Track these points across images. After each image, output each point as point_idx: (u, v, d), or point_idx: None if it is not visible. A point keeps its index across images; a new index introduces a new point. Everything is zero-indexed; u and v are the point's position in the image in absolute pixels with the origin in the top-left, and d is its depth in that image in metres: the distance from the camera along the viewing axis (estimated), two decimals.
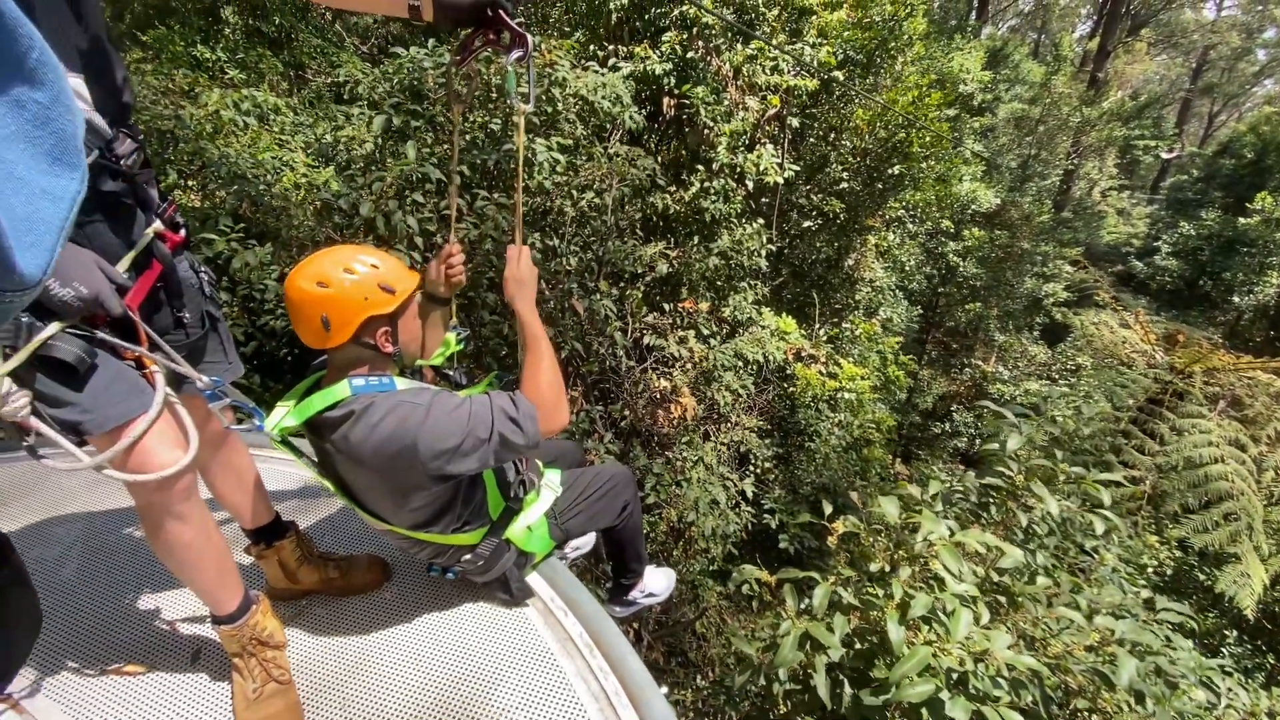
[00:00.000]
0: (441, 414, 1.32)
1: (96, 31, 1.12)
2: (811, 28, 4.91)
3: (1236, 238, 14.51)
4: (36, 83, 0.32)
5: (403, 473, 1.33)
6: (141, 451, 1.17)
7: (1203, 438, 4.43)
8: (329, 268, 1.29)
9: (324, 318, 1.29)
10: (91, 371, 1.11)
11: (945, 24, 13.28)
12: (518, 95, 1.43)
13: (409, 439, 1.29)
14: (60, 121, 0.33)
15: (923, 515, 1.58)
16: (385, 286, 1.33)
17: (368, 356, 1.38)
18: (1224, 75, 33.53)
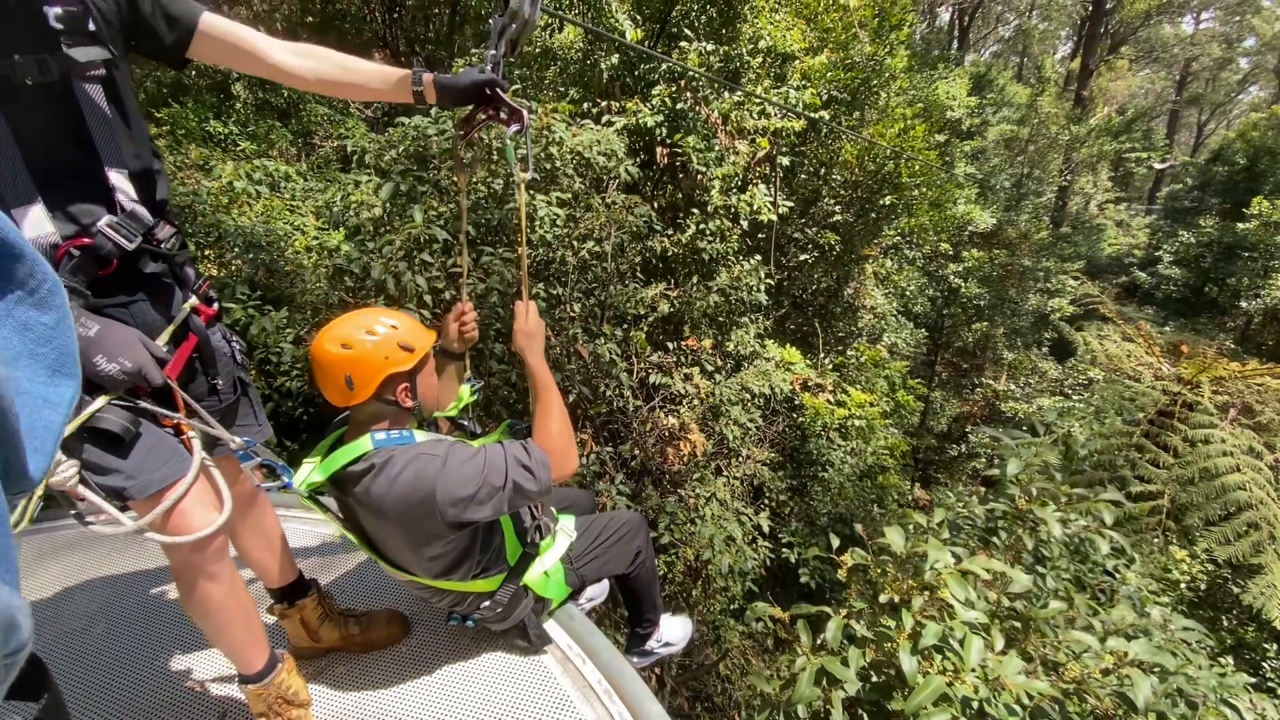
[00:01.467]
0: (457, 464, 1.39)
1: (141, 135, 1.27)
2: (795, 72, 5.12)
3: (1237, 243, 14.52)
4: (45, 308, 0.37)
5: (422, 521, 1.40)
6: (179, 514, 1.24)
7: (1217, 447, 4.39)
8: (351, 330, 1.40)
9: (348, 377, 1.38)
10: (135, 440, 1.20)
11: (928, 55, 13.69)
12: (517, 164, 1.55)
13: (427, 489, 1.36)
14: (62, 339, 0.38)
15: (929, 544, 1.60)
16: (404, 345, 1.43)
17: (389, 412, 1.46)
18: (1209, 85, 34.04)
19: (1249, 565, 4.30)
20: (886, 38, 5.84)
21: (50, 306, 0.37)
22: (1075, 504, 1.97)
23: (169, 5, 1.26)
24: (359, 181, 4.42)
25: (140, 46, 1.28)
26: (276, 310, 3.98)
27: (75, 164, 1.16)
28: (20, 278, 0.35)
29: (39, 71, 1.08)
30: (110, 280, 1.22)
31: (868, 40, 5.60)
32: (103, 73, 1.16)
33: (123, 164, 1.20)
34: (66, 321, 0.38)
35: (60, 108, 1.12)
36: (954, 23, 27.70)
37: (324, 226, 5.54)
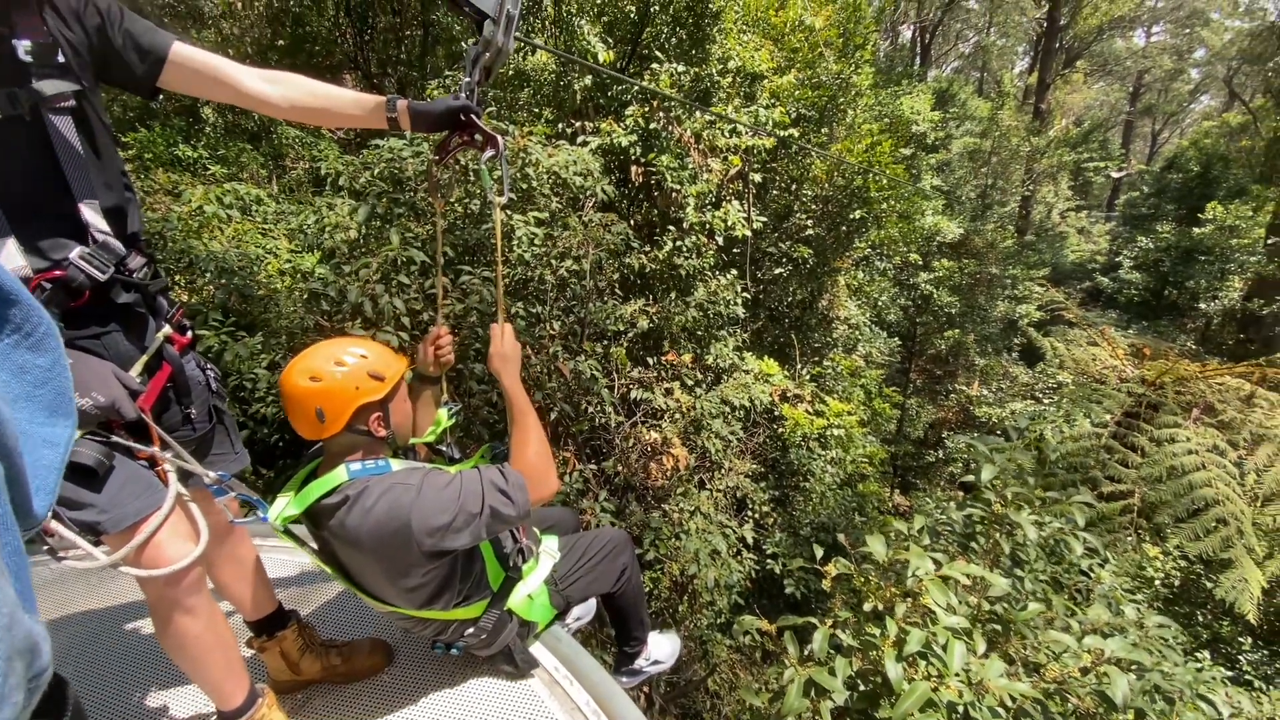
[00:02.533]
0: (432, 492, 1.36)
1: (113, 166, 1.27)
2: (764, 91, 5.24)
3: (1194, 247, 15.11)
4: (40, 350, 0.38)
5: (398, 552, 1.36)
6: (154, 546, 1.23)
7: (1182, 446, 4.53)
8: (319, 362, 1.37)
9: (318, 410, 1.35)
10: (109, 474, 1.18)
11: (892, 71, 14.11)
12: (493, 188, 1.56)
13: (403, 519, 1.33)
14: (58, 381, 0.39)
15: (910, 551, 1.63)
16: (374, 374, 1.40)
17: (362, 442, 1.43)
18: (1161, 95, 35.50)
19: (1219, 560, 4.43)
20: (851, 56, 6.02)
21: (45, 349, 0.38)
22: (1049, 507, 2.03)
23: (139, 36, 1.26)
24: (333, 204, 4.40)
25: (111, 77, 1.27)
26: (250, 336, 3.92)
27: (46, 197, 1.16)
28: (16, 322, 0.36)
29: (9, 104, 1.08)
30: (83, 311, 1.21)
31: (833, 59, 5.76)
32: (73, 104, 1.16)
33: (94, 196, 1.20)
34: (62, 363, 0.39)
35: (30, 141, 1.12)
36: (915, 40, 28.62)
37: (297, 250, 5.48)
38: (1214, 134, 21.12)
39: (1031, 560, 1.99)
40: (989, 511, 1.92)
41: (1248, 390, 5.14)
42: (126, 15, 1.26)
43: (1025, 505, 1.93)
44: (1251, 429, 4.78)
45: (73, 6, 1.18)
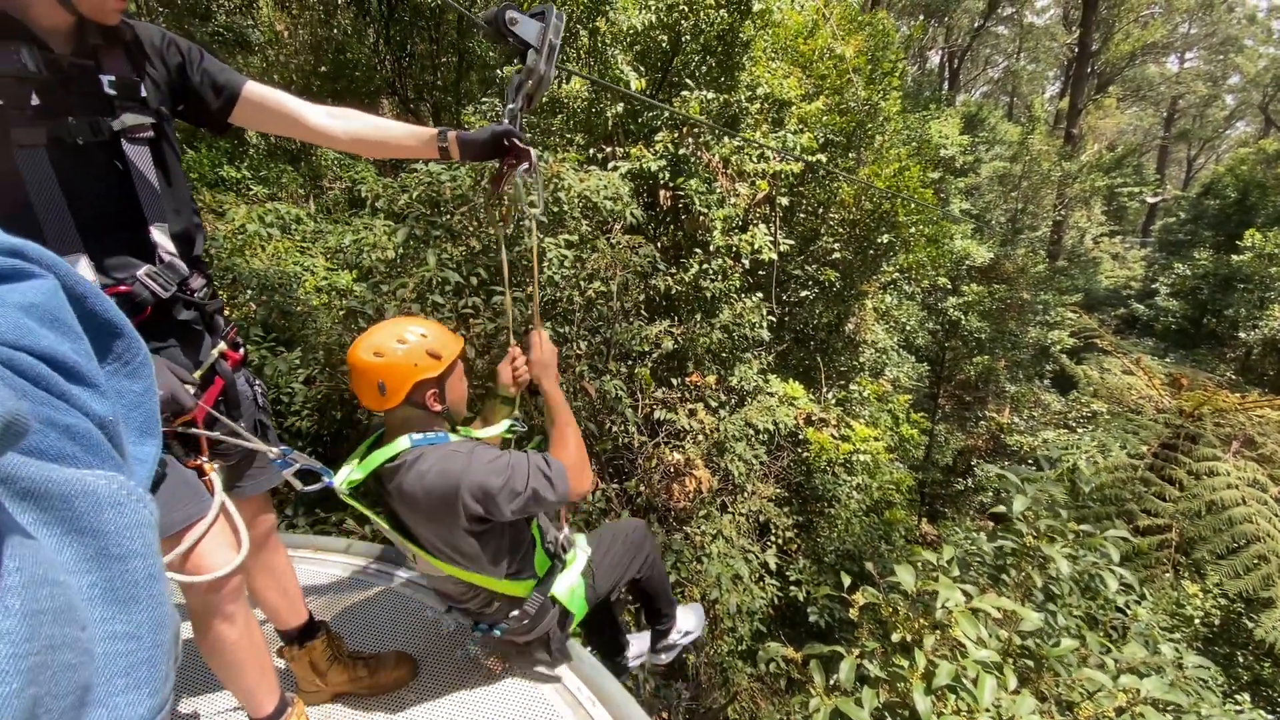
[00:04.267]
0: (481, 463, 1.49)
1: (183, 193, 1.36)
2: (792, 117, 5.30)
3: (1232, 274, 14.68)
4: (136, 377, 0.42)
5: (447, 513, 1.49)
6: (198, 553, 1.27)
7: (1222, 480, 4.39)
8: (384, 339, 1.50)
9: (380, 383, 1.48)
10: (161, 479, 1.24)
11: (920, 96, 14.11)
12: (527, 202, 1.65)
13: (452, 483, 1.46)
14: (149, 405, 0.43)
15: (939, 582, 1.62)
16: (432, 353, 1.53)
17: (419, 416, 1.56)
18: (1196, 121, 34.82)
19: (1260, 599, 4.25)
20: (880, 83, 6.06)
21: (140, 376, 0.42)
22: (1083, 540, 1.99)
23: (216, 74, 1.35)
24: (370, 225, 4.55)
25: (186, 112, 1.37)
26: (289, 351, 4.05)
27: (120, 219, 1.24)
28: (118, 351, 0.40)
29: (91, 132, 1.16)
30: (143, 326, 1.27)
31: (861, 85, 5.81)
32: (150, 135, 1.25)
33: (163, 220, 1.29)
34: (152, 389, 0.43)
35: (109, 166, 1.21)
36: (944, 65, 28.62)
37: (334, 268, 5.66)
38: (1250, 160, 20.59)
39: (1065, 595, 1.94)
40: (1020, 543, 1.89)
41: None
42: (205, 56, 1.36)
43: (1058, 538, 1.89)
44: None
45: (156, 45, 1.27)
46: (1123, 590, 2.58)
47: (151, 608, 0.29)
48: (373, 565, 2.61)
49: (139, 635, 0.28)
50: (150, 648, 0.29)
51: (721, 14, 4.78)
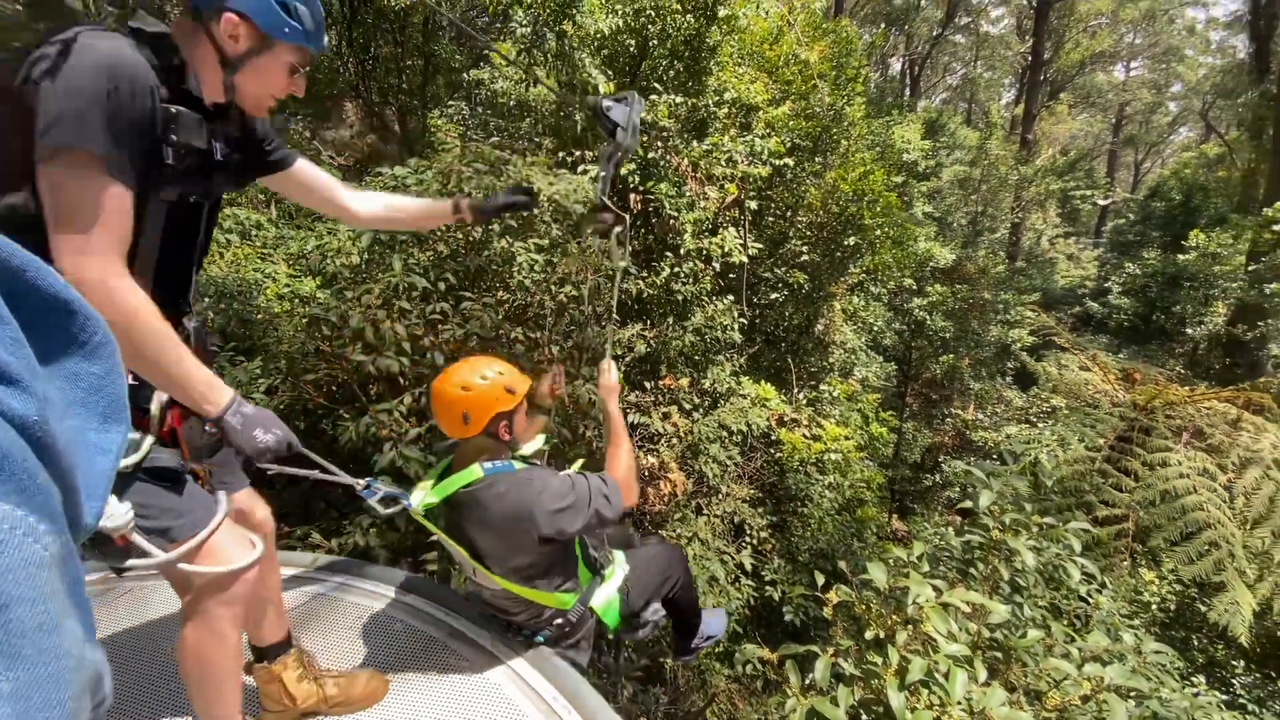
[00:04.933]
0: (552, 488, 1.69)
1: None
2: (759, 122, 5.37)
3: (1179, 273, 15.35)
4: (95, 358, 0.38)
5: (520, 534, 1.68)
6: (218, 549, 1.31)
7: (1174, 470, 4.57)
8: (469, 375, 1.70)
9: (465, 414, 1.68)
10: (185, 481, 1.31)
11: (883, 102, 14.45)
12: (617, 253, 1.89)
13: (528, 506, 1.65)
14: (112, 388, 0.39)
15: (911, 578, 1.65)
16: (509, 389, 1.72)
17: (490, 445, 1.76)
18: (1142, 127, 36.41)
19: (1213, 584, 4.43)
20: (844, 89, 6.18)
21: (100, 357, 0.39)
22: (1046, 532, 2.05)
23: (275, 151, 1.52)
24: (334, 230, 4.45)
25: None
26: (249, 360, 3.93)
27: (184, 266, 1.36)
28: (72, 331, 0.37)
29: (204, 193, 1.32)
30: None
31: (826, 91, 5.92)
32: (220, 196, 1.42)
33: (201, 265, 1.43)
34: (116, 371, 0.40)
35: (197, 221, 1.35)
36: (905, 72, 29.37)
37: (296, 274, 5.51)
38: (1193, 164, 21.62)
39: (1030, 586, 2.00)
40: (987, 538, 1.94)
41: (1234, 414, 5.20)
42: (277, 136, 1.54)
43: (1023, 531, 1.94)
44: (1239, 452, 4.82)
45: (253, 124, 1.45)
46: (1085, 580, 2.66)
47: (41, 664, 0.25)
48: (341, 579, 2.55)
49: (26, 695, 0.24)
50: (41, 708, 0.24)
51: (688, 19, 4.82)
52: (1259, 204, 10.89)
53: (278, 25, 1.23)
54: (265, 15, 1.21)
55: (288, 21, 1.24)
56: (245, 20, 1.21)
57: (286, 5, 1.23)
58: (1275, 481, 4.57)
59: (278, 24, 1.23)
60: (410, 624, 2.20)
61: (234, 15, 1.20)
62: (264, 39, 1.24)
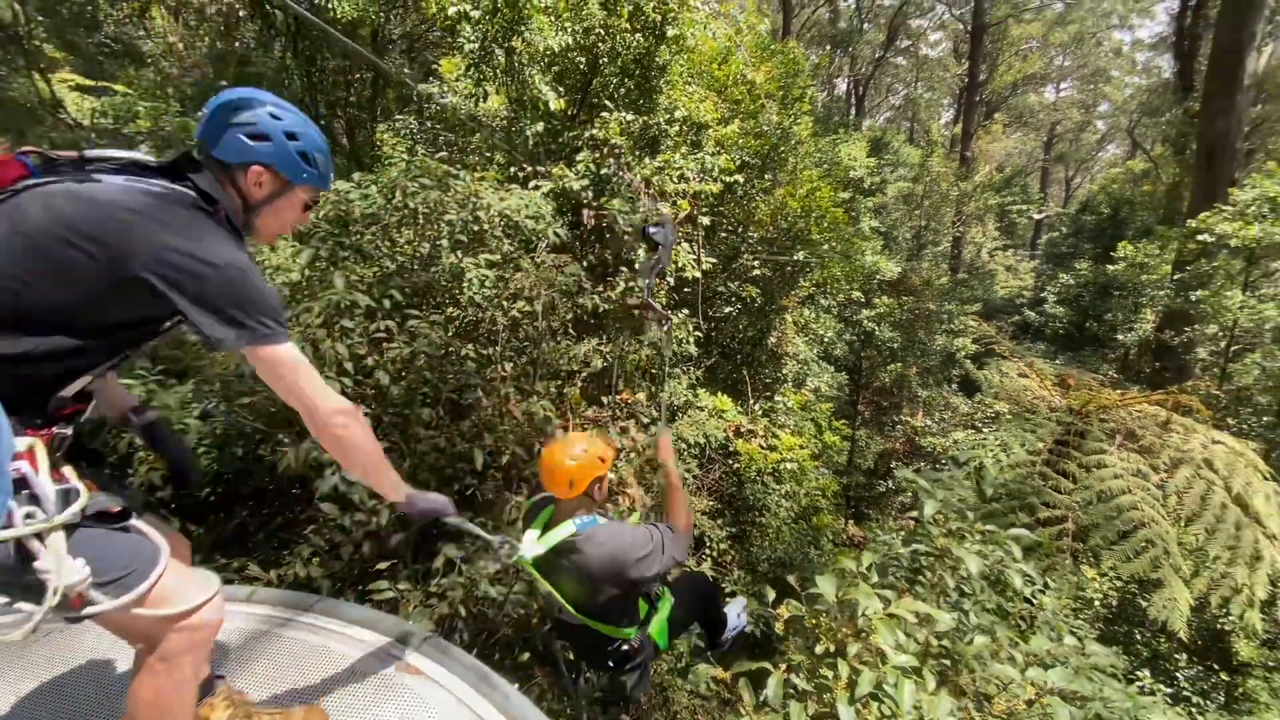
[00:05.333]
0: (638, 540, 2.07)
1: None
2: (709, 139, 5.45)
3: (1109, 283, 16.24)
4: None
5: (614, 577, 2.03)
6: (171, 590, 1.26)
7: (1109, 471, 4.79)
8: (575, 449, 2.11)
9: (571, 480, 2.07)
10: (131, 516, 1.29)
11: (829, 121, 14.93)
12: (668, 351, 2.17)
13: (622, 555, 2.01)
14: None
15: (859, 590, 1.66)
16: (603, 458, 2.13)
17: (584, 503, 2.14)
18: (1072, 145, 38.69)
19: (1151, 580, 4.64)
20: (791, 108, 6.35)
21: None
22: (988, 538, 2.10)
23: None
24: (273, 245, 4.29)
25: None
26: (180, 384, 3.72)
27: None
28: None
29: None
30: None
31: (774, 110, 6.06)
32: None
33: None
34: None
35: None
36: (850, 92, 30.48)
37: None
38: (1120, 180, 23.05)
39: (976, 593, 2.05)
40: (933, 546, 1.98)
41: (1164, 416, 5.50)
42: None
43: (967, 536, 1.99)
44: (1170, 453, 5.09)
45: None
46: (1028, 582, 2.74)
47: None
48: (280, 613, 2.41)
49: None
50: None
51: (637, 38, 4.87)
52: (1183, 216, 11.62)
53: (297, 172, 1.37)
54: (288, 165, 1.35)
55: (306, 168, 1.37)
56: (269, 169, 1.34)
57: (306, 154, 1.37)
58: (1206, 480, 4.83)
59: (297, 171, 1.37)
60: (353, 656, 2.09)
61: (260, 166, 1.33)
62: (285, 184, 1.37)
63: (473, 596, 3.09)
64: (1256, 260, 8.50)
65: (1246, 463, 5.01)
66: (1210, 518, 4.70)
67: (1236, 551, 4.51)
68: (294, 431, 3.33)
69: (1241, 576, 4.42)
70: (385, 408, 3.12)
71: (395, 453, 3.28)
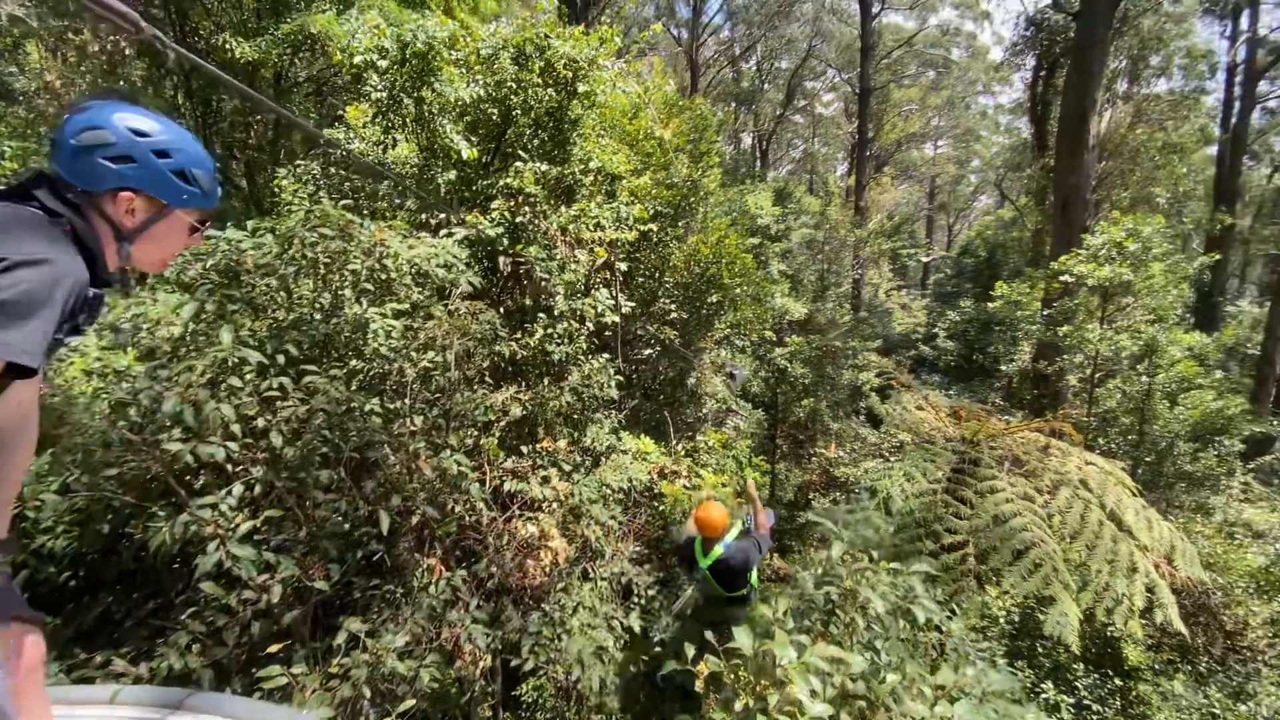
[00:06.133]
0: (750, 548, 4.13)
1: None
2: (624, 190, 5.60)
3: (990, 319, 17.94)
4: None
5: (741, 568, 4.09)
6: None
7: (1001, 496, 5.18)
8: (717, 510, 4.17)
9: (722, 527, 4.11)
10: None
11: (737, 172, 15.80)
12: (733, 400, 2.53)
13: (744, 558, 4.09)
14: None
15: (775, 639, 1.67)
16: (732, 512, 4.02)
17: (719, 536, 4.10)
18: (950, 195, 43.09)
19: (1045, 597, 4.99)
20: (700, 161, 6.67)
21: None
22: (895, 576, 2.19)
23: None
24: (153, 295, 3.94)
25: None
26: (37, 455, 3.28)
27: None
28: None
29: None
30: None
31: (685, 163, 6.34)
32: None
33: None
34: None
35: None
36: (755, 146, 32.56)
37: (109, 346, 4.77)
38: (993, 226, 25.78)
39: (885, 631, 2.11)
40: (843, 588, 2.04)
41: (1044, 442, 6.05)
42: None
43: (875, 573, 2.06)
44: (1051, 475, 5.59)
45: None
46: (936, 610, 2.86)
47: None
48: (147, 714, 2.12)
49: None
50: None
51: (549, 92, 4.98)
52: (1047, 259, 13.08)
53: (175, 194, 1.23)
54: (162, 187, 1.21)
55: (185, 189, 1.24)
56: (141, 194, 1.20)
57: (184, 173, 1.23)
58: (1084, 500, 5.31)
59: (175, 193, 1.23)
60: None
61: (129, 192, 1.19)
62: (162, 208, 1.24)
63: (379, 675, 2.84)
64: (1110, 297, 9.64)
65: (1116, 480, 5.57)
66: (1090, 534, 5.16)
67: (1115, 564, 4.96)
68: (171, 504, 3.00)
69: (1121, 587, 4.85)
70: (278, 472, 2.88)
71: (290, 521, 3.01)
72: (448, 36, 4.69)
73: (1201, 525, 8.06)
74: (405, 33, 4.52)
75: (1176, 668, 6.53)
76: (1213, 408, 9.54)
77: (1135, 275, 8.88)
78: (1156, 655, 6.80)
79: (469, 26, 5.31)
